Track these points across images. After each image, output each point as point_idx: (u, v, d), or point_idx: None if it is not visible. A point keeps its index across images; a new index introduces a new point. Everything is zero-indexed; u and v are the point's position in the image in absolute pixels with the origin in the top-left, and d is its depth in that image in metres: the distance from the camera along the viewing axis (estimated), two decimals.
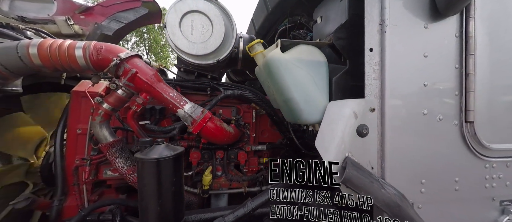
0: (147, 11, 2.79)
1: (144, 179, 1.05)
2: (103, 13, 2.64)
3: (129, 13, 2.76)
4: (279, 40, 1.07)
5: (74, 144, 1.54)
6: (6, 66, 1.15)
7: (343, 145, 1.01)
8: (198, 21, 1.56)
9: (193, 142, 1.70)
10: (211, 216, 1.44)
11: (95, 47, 1.25)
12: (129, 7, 2.77)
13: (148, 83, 1.33)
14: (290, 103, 1.12)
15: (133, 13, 2.78)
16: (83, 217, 1.26)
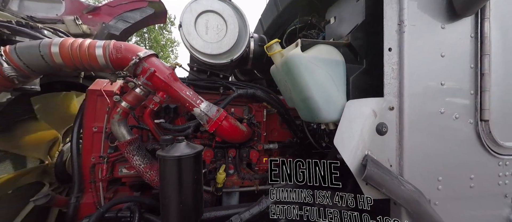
0: (153, 11, 2.81)
1: (167, 176, 1.07)
2: (110, 13, 2.66)
3: (135, 13, 2.78)
4: (299, 40, 1.09)
5: (90, 142, 1.56)
6: (28, 65, 1.17)
7: (362, 143, 1.04)
8: (212, 21, 1.58)
9: (205, 140, 1.72)
10: (226, 213, 1.46)
11: (114, 46, 1.27)
12: (135, 7, 2.79)
13: (166, 82, 1.35)
14: (309, 102, 1.14)
15: (139, 13, 2.79)
16: (102, 213, 1.28)
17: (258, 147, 1.82)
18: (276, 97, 1.77)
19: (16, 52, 1.14)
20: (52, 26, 1.52)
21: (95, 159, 1.55)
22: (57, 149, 1.92)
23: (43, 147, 1.83)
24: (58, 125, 1.92)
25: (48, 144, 1.87)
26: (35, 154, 1.75)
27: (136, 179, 1.64)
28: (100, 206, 1.50)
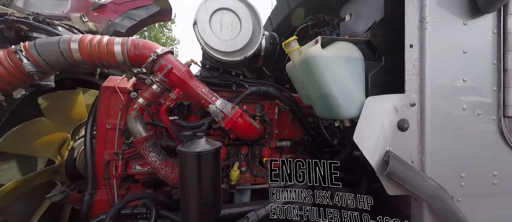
0: (159, 9, 2.81)
1: (187, 171, 1.07)
2: (116, 11, 2.65)
3: (141, 11, 2.77)
4: (319, 37, 1.09)
5: (103, 138, 1.55)
6: (47, 61, 1.17)
7: (384, 139, 1.03)
8: (227, 18, 1.58)
9: (218, 137, 1.72)
10: (241, 211, 1.46)
11: (132, 43, 1.27)
12: (141, 5, 2.78)
13: (182, 79, 1.35)
14: (328, 99, 1.14)
15: (145, 10, 2.79)
16: (119, 210, 1.28)
17: (270, 144, 1.82)
18: (289, 94, 1.77)
19: (35, 48, 1.14)
20: (67, 23, 1.52)
21: (109, 156, 1.55)
22: (67, 148, 1.92)
23: (53, 147, 1.81)
24: (66, 123, 1.90)
25: (58, 143, 1.86)
26: (45, 154, 1.75)
27: (149, 176, 1.64)
28: (113, 203, 1.50)
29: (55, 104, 1.75)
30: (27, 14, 1.30)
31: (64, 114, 1.86)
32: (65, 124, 1.89)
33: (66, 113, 1.89)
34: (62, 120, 1.84)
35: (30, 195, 1.58)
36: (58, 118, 1.80)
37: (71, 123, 1.95)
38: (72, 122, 1.96)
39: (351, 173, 1.88)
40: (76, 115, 1.95)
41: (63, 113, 1.85)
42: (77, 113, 1.94)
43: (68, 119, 1.90)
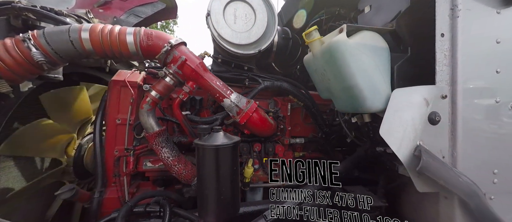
0: (165, 6, 2.75)
1: (206, 166, 1.02)
2: (121, 7, 2.59)
3: (147, 8, 2.71)
4: (344, 25, 1.04)
5: (113, 134, 1.50)
6: (56, 51, 1.11)
7: (414, 133, 0.98)
8: (241, 10, 1.52)
9: (231, 134, 1.66)
10: (256, 209, 1.41)
11: (145, 33, 1.22)
12: (147, 2, 2.72)
13: (197, 71, 1.30)
14: (352, 91, 1.08)
15: (150, 7, 2.73)
16: (131, 208, 1.22)
17: (284, 141, 1.77)
18: (305, 90, 1.72)
19: (44, 36, 1.08)
20: (76, 14, 1.46)
21: (119, 152, 1.49)
22: (73, 147, 1.85)
23: (59, 147, 1.75)
24: (71, 121, 1.83)
25: (64, 143, 1.80)
26: (51, 154, 1.69)
27: (160, 174, 1.58)
28: (124, 201, 1.44)
29: (58, 102, 1.68)
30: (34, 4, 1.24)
31: (68, 112, 1.79)
32: (70, 122, 1.82)
33: (71, 111, 1.82)
34: (66, 118, 1.77)
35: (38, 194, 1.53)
36: (62, 117, 1.73)
37: (76, 121, 1.88)
38: (77, 120, 1.89)
39: (367, 171, 1.83)
40: (81, 112, 1.89)
41: (67, 111, 1.78)
42: (82, 109, 1.87)
43: (72, 117, 1.83)
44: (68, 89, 1.75)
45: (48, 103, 1.58)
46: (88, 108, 1.93)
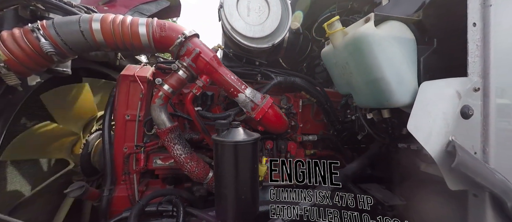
0: (169, 4, 2.70)
1: (225, 163, 0.97)
2: (126, 5, 2.54)
3: (151, 6, 2.65)
4: (371, 14, 0.99)
5: (122, 130, 1.44)
6: (66, 42, 1.06)
7: (445, 128, 0.93)
8: (254, 2, 1.47)
9: None
10: None
11: (158, 24, 1.16)
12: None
13: (211, 64, 1.25)
14: (378, 84, 1.03)
15: (155, 5, 2.67)
16: (143, 207, 1.17)
17: (297, 139, 1.72)
18: (319, 86, 1.67)
19: (54, 26, 1.03)
20: (85, 5, 1.41)
21: (128, 149, 1.44)
22: (80, 146, 1.79)
23: (65, 147, 1.69)
24: (75, 121, 1.76)
25: (70, 143, 1.74)
26: (57, 155, 1.63)
27: (169, 172, 1.53)
28: (134, 199, 1.39)
29: (60, 101, 1.61)
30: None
31: (72, 111, 1.72)
32: (75, 122, 1.74)
33: (74, 109, 1.75)
34: (70, 117, 1.70)
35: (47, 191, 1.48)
36: (66, 116, 1.66)
37: (80, 119, 1.81)
38: (82, 118, 1.82)
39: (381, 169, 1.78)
40: (86, 110, 1.82)
41: (70, 110, 1.71)
42: (86, 108, 1.80)
43: (77, 116, 1.76)
44: (70, 87, 1.68)
45: (50, 102, 1.52)
46: (93, 106, 1.86)
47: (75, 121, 1.75)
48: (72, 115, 1.72)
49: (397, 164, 1.52)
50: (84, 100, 1.77)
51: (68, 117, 1.68)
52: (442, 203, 1.24)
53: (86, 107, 1.81)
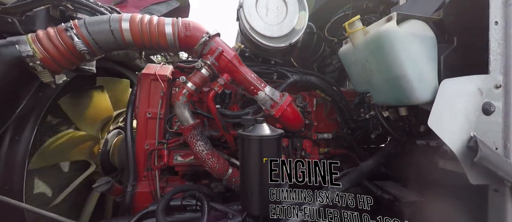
0: (178, 5, 2.74)
1: (251, 157, 1.00)
2: (137, 6, 2.59)
3: (161, 6, 2.70)
4: (394, 13, 1.01)
5: (144, 128, 1.48)
6: (97, 41, 1.10)
7: (467, 124, 0.95)
8: (273, 2, 1.51)
9: None
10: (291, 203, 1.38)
11: (183, 24, 1.20)
12: (162, 0, 2.72)
13: (233, 63, 1.28)
14: (400, 82, 1.06)
15: (165, 6, 2.72)
16: (168, 201, 1.20)
17: (312, 137, 1.74)
18: (335, 84, 1.70)
19: (85, 26, 1.07)
20: (108, 5, 1.45)
21: (150, 146, 1.48)
22: (99, 148, 1.83)
23: (86, 150, 1.73)
24: (93, 123, 1.80)
25: (90, 146, 1.77)
26: (78, 158, 1.67)
27: (189, 168, 1.56)
28: (156, 194, 1.42)
29: (78, 105, 1.65)
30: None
31: (90, 114, 1.76)
32: (92, 124, 1.78)
33: (92, 112, 1.78)
34: (88, 120, 1.74)
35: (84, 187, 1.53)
36: (84, 120, 1.70)
37: (98, 122, 1.85)
38: (99, 120, 1.85)
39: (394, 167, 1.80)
40: (102, 112, 1.86)
41: (88, 113, 1.75)
42: (103, 109, 1.85)
43: (94, 118, 1.80)
44: (86, 91, 1.72)
45: (68, 108, 1.56)
46: (109, 107, 1.90)
47: (93, 123, 1.79)
48: (90, 117, 1.76)
49: (413, 162, 1.54)
50: (100, 102, 1.81)
51: (87, 120, 1.73)
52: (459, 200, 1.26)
53: (103, 108, 1.84)
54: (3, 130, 1.08)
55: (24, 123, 1.14)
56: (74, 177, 1.65)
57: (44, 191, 1.44)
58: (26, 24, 1.11)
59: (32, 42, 0.98)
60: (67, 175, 1.65)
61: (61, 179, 1.59)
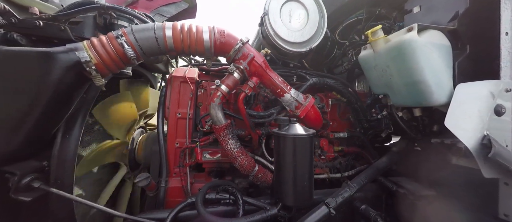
0: (187, 6, 2.82)
1: (286, 153, 1.11)
2: (147, 7, 2.66)
3: (171, 8, 2.78)
4: (415, 24, 1.12)
5: (174, 127, 1.58)
6: (142, 47, 1.19)
7: (481, 124, 1.07)
8: (295, 9, 1.61)
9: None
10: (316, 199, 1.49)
11: (219, 31, 1.30)
12: (171, 1, 2.79)
13: (263, 67, 1.38)
14: (419, 86, 1.17)
15: (174, 7, 2.79)
16: (204, 194, 1.30)
17: (329, 136, 1.85)
18: (350, 87, 1.80)
19: (133, 33, 1.16)
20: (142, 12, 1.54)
21: (179, 144, 1.57)
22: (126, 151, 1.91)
23: (118, 153, 1.82)
24: (121, 127, 1.87)
25: (121, 148, 1.86)
26: (110, 160, 1.76)
27: (215, 165, 1.66)
28: (187, 190, 1.52)
29: (108, 112, 1.72)
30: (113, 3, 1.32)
31: (119, 120, 1.83)
32: (120, 128, 1.86)
33: (121, 118, 1.85)
34: (118, 126, 1.82)
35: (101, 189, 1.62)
36: (115, 127, 1.79)
37: (125, 125, 1.92)
38: (127, 124, 1.93)
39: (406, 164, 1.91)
40: (129, 115, 1.93)
41: (117, 120, 1.81)
42: (129, 114, 1.92)
43: (122, 122, 1.88)
44: (115, 96, 1.78)
45: (101, 117, 1.63)
46: (134, 111, 1.98)
47: (121, 128, 1.87)
48: (119, 123, 1.84)
49: (425, 158, 1.65)
50: (127, 107, 1.89)
51: (117, 126, 1.81)
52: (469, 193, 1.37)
53: (129, 113, 1.92)
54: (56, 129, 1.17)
55: (73, 122, 1.23)
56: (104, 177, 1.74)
57: (81, 193, 1.53)
58: (76, 31, 1.21)
59: (88, 48, 1.07)
60: (96, 176, 1.73)
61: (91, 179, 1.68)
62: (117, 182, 1.63)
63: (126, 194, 1.65)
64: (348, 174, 1.87)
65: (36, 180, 1.10)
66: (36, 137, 1.12)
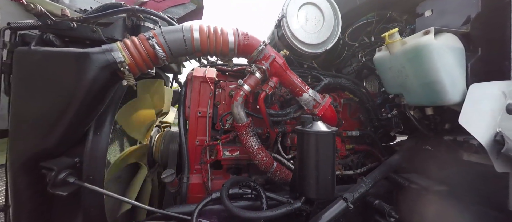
0: (195, 7, 2.86)
1: (310, 149, 1.16)
2: (155, 8, 2.68)
3: (179, 9, 2.81)
4: (431, 28, 1.19)
5: (195, 126, 1.63)
6: (170, 48, 1.24)
7: (493, 122, 1.14)
8: (311, 12, 1.67)
9: (294, 126, 1.81)
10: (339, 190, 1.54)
11: (242, 33, 1.35)
12: (179, 3, 2.83)
13: (283, 68, 1.44)
14: (434, 86, 1.24)
15: (182, 8, 2.83)
16: (228, 189, 1.36)
17: (342, 134, 1.92)
18: (363, 86, 1.87)
19: (163, 35, 1.21)
20: (166, 14, 1.59)
21: (200, 142, 1.63)
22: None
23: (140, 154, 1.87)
24: (141, 129, 1.89)
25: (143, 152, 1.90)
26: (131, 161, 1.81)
27: (233, 162, 1.72)
28: (208, 186, 1.58)
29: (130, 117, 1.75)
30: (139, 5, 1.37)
31: (139, 123, 1.85)
32: (140, 130, 1.88)
33: (140, 121, 1.87)
34: (139, 128, 1.86)
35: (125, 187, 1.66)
36: (135, 129, 1.82)
37: (145, 127, 1.95)
38: (146, 125, 1.96)
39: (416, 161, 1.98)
40: (148, 117, 1.96)
41: (138, 122, 1.84)
42: (148, 116, 1.95)
43: (142, 124, 1.91)
44: (136, 101, 1.80)
45: (124, 120, 1.66)
46: (153, 114, 2.01)
47: (140, 129, 1.90)
48: (139, 125, 1.87)
49: (436, 155, 1.72)
50: (146, 109, 1.92)
51: (138, 128, 1.84)
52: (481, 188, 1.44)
53: (149, 115, 1.96)
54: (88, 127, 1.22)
55: (103, 120, 1.28)
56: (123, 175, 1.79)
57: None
58: (106, 32, 1.25)
59: (122, 49, 1.12)
60: (116, 175, 1.77)
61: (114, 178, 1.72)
62: (141, 181, 1.68)
63: (147, 191, 1.70)
64: (360, 171, 1.94)
65: (71, 176, 1.14)
66: (71, 134, 1.16)
